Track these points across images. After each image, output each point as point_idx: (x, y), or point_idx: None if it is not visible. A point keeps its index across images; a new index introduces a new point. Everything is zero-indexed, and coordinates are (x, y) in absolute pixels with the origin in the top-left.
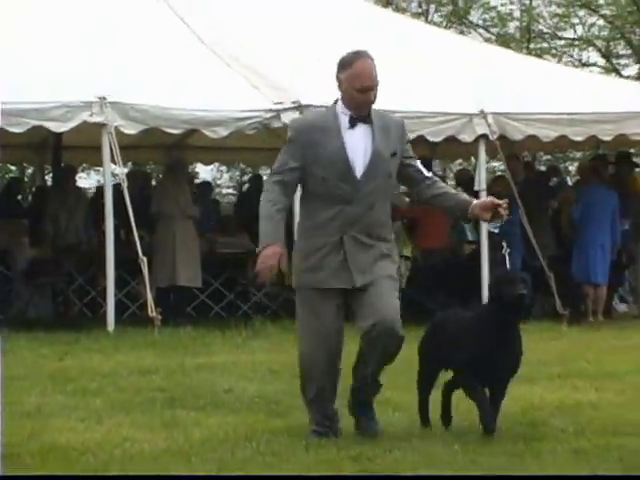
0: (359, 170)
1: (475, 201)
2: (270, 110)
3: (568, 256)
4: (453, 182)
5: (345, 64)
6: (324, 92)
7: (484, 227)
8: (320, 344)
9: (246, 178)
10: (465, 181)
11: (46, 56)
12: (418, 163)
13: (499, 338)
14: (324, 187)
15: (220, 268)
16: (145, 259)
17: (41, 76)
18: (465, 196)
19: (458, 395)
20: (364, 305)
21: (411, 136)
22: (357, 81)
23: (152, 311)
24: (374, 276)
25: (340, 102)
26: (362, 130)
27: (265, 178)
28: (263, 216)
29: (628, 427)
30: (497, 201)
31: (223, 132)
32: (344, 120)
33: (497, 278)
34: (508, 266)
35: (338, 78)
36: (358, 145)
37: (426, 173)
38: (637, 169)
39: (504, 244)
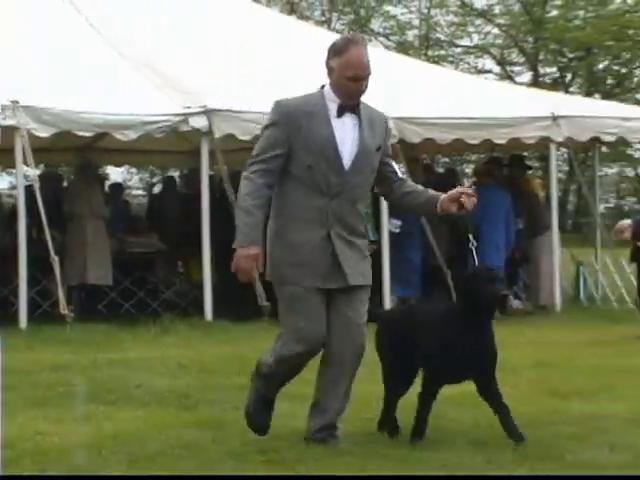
0: (347, 161)
1: (443, 195)
2: (178, 114)
3: (464, 254)
4: None
5: (337, 51)
6: (231, 97)
7: (385, 227)
8: (302, 345)
9: (155, 180)
10: None
11: None
12: (394, 163)
13: (470, 337)
14: (309, 176)
15: (130, 267)
16: (57, 258)
17: None
18: (433, 192)
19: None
20: (340, 317)
21: None
22: (350, 69)
23: (64, 309)
24: (362, 280)
25: (328, 88)
26: (350, 120)
27: (178, 180)
28: (242, 210)
29: (522, 419)
30: (462, 189)
31: (133, 135)
32: (333, 108)
33: (476, 275)
34: (476, 261)
35: (328, 64)
36: (346, 135)
37: (400, 174)
38: (529, 171)
39: (471, 238)
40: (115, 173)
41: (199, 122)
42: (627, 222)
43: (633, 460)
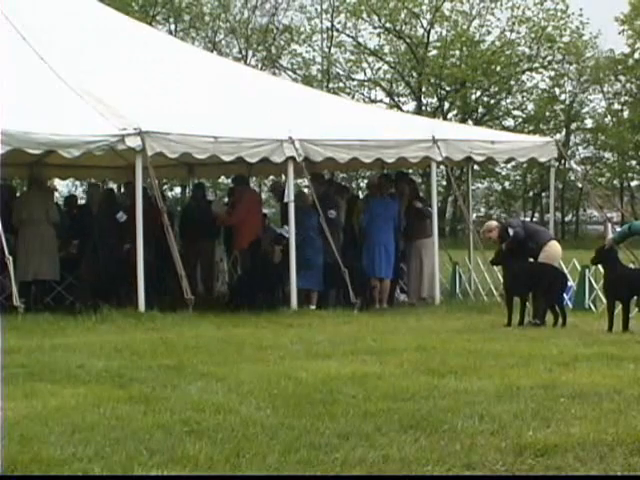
0: None
1: None
2: (115, 135)
3: (359, 255)
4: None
5: None
6: (161, 120)
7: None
8: None
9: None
10: (278, 191)
11: None
12: None
13: None
14: None
15: (74, 265)
16: (11, 258)
17: None
18: None
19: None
20: None
21: (231, 158)
22: None
23: (16, 301)
24: None
25: None
26: None
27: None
28: None
29: (405, 394)
30: None
31: (76, 153)
32: None
33: None
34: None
35: None
36: None
37: None
38: (413, 185)
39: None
40: (61, 185)
41: (134, 142)
42: (494, 223)
43: (498, 428)
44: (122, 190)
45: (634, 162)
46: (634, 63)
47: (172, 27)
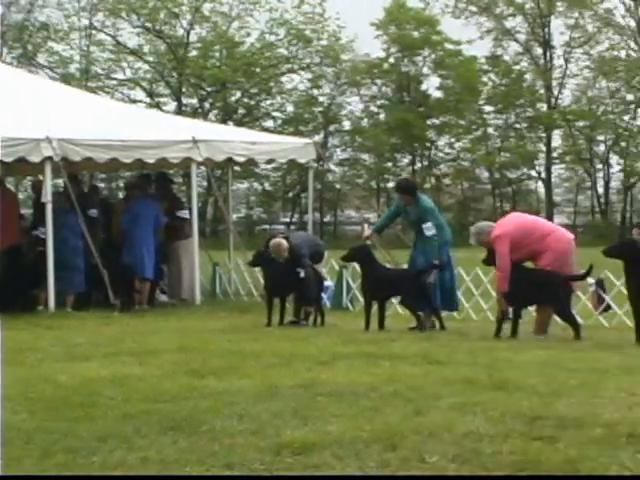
0: None
1: None
2: None
3: (120, 256)
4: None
5: None
6: None
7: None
8: None
9: None
10: (39, 190)
11: None
12: None
13: None
14: None
15: None
16: None
17: None
18: None
19: None
20: None
21: None
22: None
23: None
24: None
25: None
26: None
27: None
28: None
29: (165, 395)
30: None
31: None
32: None
33: None
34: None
35: None
36: None
37: None
38: (174, 185)
39: None
40: None
41: None
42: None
43: (257, 428)
44: None
45: (390, 164)
46: (389, 67)
47: None
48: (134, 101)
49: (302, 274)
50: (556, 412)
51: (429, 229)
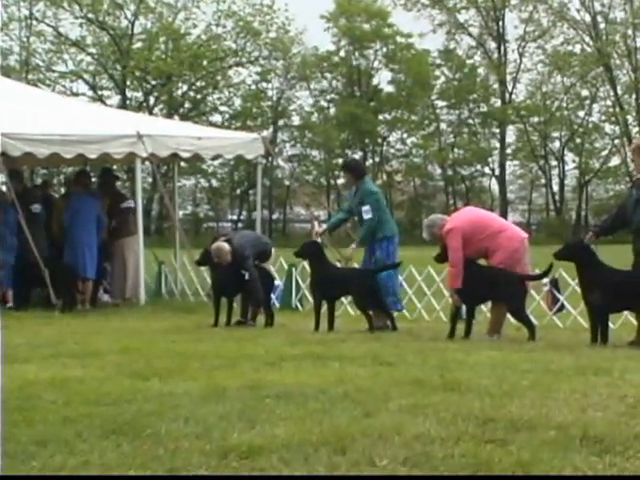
0: None
1: None
2: None
3: (61, 254)
4: None
5: None
6: None
7: None
8: None
9: None
10: None
11: None
12: None
13: None
14: None
15: None
16: None
17: None
18: None
19: None
20: None
21: None
22: None
23: None
24: None
25: None
26: None
27: None
28: None
29: (107, 398)
30: None
31: None
32: None
33: None
34: None
35: None
36: None
37: None
38: (118, 182)
39: None
40: None
41: None
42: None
43: (203, 431)
44: None
45: (340, 160)
46: (339, 60)
47: None
48: (76, 94)
49: (247, 276)
50: (508, 414)
51: (367, 212)
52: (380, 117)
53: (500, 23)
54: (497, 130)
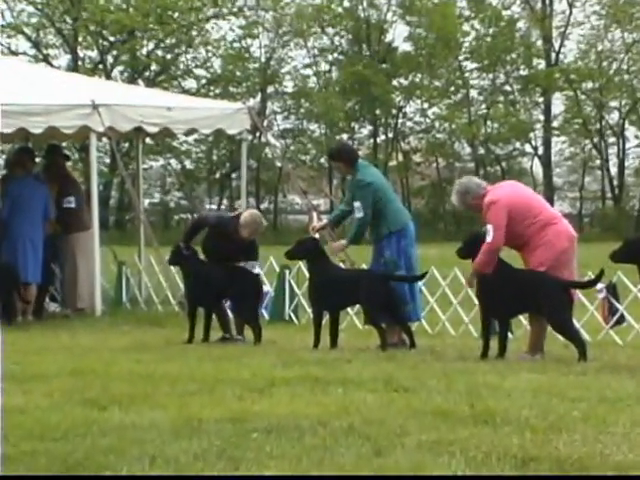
0: None
1: None
2: None
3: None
4: None
5: None
6: None
7: None
8: None
9: None
10: None
11: None
12: None
13: None
14: None
15: None
16: None
17: None
18: None
19: None
20: None
21: None
22: None
23: None
24: None
25: None
26: None
27: None
28: None
29: (55, 431)
30: None
31: None
32: None
33: None
34: None
35: None
36: None
37: None
38: (69, 162)
39: None
40: None
41: None
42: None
43: (174, 473)
44: None
45: (345, 135)
46: (343, 12)
47: None
48: (15, 53)
49: (256, 269)
50: (555, 452)
51: (358, 210)
52: (394, 82)
53: None
54: (541, 99)
